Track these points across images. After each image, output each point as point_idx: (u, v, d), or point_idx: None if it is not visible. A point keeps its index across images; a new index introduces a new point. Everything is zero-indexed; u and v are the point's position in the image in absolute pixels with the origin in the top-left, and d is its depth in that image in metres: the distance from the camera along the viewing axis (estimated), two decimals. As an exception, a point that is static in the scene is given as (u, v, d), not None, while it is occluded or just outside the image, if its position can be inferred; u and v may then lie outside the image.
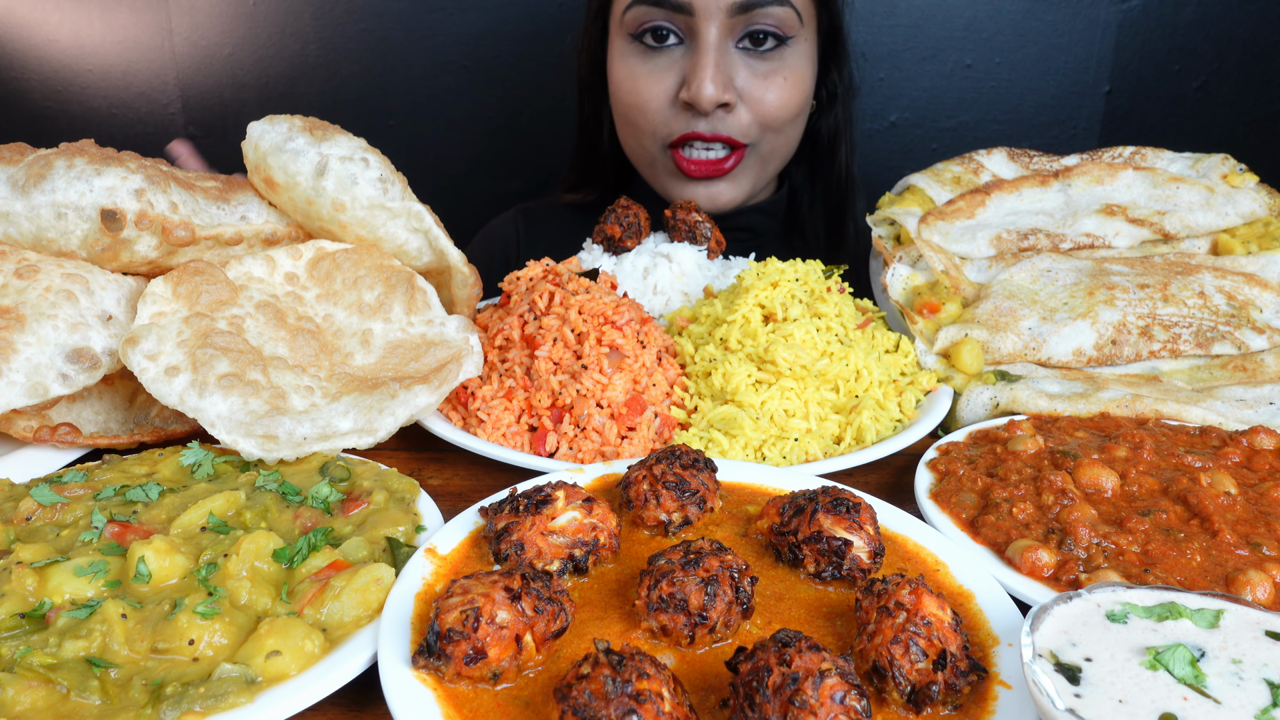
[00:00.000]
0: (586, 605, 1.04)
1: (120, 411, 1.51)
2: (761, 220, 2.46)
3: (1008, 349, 1.71)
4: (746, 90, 2.11)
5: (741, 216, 2.41)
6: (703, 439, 1.49)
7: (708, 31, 2.03)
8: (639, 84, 2.14)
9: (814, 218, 2.52)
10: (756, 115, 2.14)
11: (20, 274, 1.39)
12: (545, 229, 2.55)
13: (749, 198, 2.31)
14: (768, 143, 2.21)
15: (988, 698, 0.90)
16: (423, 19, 3.01)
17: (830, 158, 2.43)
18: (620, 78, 2.19)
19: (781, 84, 2.13)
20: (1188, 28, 3.01)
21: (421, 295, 1.60)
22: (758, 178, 2.28)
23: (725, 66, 2.07)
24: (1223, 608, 0.89)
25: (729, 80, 2.08)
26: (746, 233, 2.45)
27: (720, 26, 2.04)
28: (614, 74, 2.21)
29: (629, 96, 2.17)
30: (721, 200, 2.25)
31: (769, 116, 2.14)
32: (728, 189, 2.24)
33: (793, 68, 2.14)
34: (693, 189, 2.23)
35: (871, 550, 1.09)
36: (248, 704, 0.88)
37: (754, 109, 2.13)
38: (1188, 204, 2.00)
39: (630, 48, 2.15)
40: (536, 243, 2.51)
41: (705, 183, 2.22)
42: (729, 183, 2.23)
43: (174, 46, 3.07)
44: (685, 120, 2.13)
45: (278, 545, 1.10)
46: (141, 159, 1.51)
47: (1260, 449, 1.37)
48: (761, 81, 2.11)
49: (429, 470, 1.48)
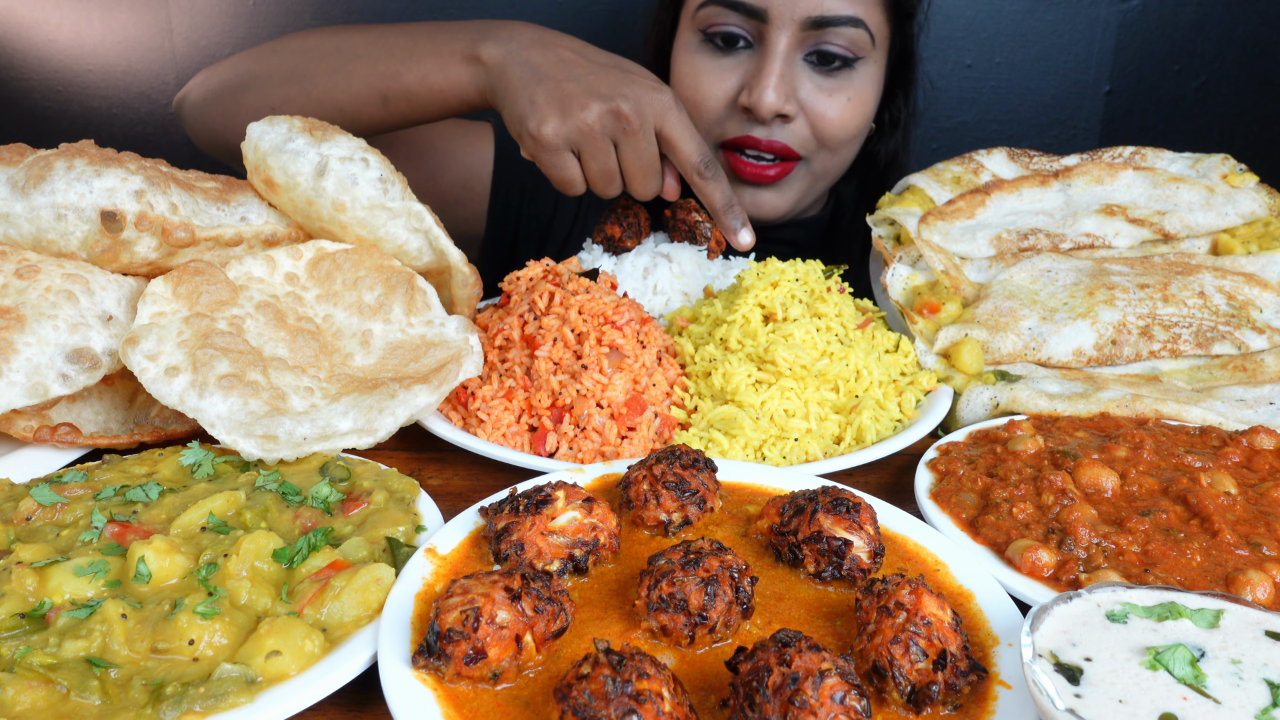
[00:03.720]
0: (586, 605, 1.04)
1: (120, 411, 1.51)
2: (803, 235, 2.43)
3: (1008, 349, 1.71)
4: (808, 104, 2.07)
5: (783, 230, 2.38)
6: (703, 439, 1.49)
7: (778, 40, 2.00)
8: (701, 80, 2.10)
9: (853, 234, 2.49)
10: (815, 130, 2.11)
11: (20, 274, 1.39)
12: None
13: (791, 211, 2.27)
14: (821, 160, 2.18)
15: (988, 698, 0.90)
16: (422, 19, 3.00)
17: (882, 181, 2.40)
18: (683, 71, 2.14)
19: (845, 103, 2.08)
20: (1188, 28, 3.01)
21: (421, 296, 1.60)
22: (804, 192, 2.24)
23: (790, 77, 2.04)
24: (1223, 608, 0.89)
25: (792, 91, 2.04)
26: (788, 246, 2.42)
27: (791, 37, 2.00)
28: (677, 66, 2.17)
29: (689, 91, 2.12)
30: (765, 209, 2.21)
31: (827, 134, 2.11)
32: (772, 198, 2.20)
33: (858, 88, 2.10)
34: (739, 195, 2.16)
35: (871, 550, 1.09)
36: (248, 704, 0.88)
37: (814, 123, 2.10)
38: (1188, 204, 2.00)
39: (698, 44, 2.11)
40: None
41: (752, 189, 2.18)
42: (775, 192, 2.19)
43: (174, 46, 3.07)
44: (741, 124, 2.10)
45: (278, 545, 1.10)
46: (141, 160, 1.51)
47: (1260, 449, 1.37)
48: (825, 97, 2.08)
49: (429, 470, 1.48)
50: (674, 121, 1.78)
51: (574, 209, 2.50)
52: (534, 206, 2.46)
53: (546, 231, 2.51)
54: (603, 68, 1.79)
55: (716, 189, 1.84)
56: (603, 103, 1.74)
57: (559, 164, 1.80)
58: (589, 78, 1.76)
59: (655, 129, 1.78)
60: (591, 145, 1.76)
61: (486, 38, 1.85)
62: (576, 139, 1.76)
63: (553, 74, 1.77)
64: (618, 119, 1.75)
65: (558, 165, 1.80)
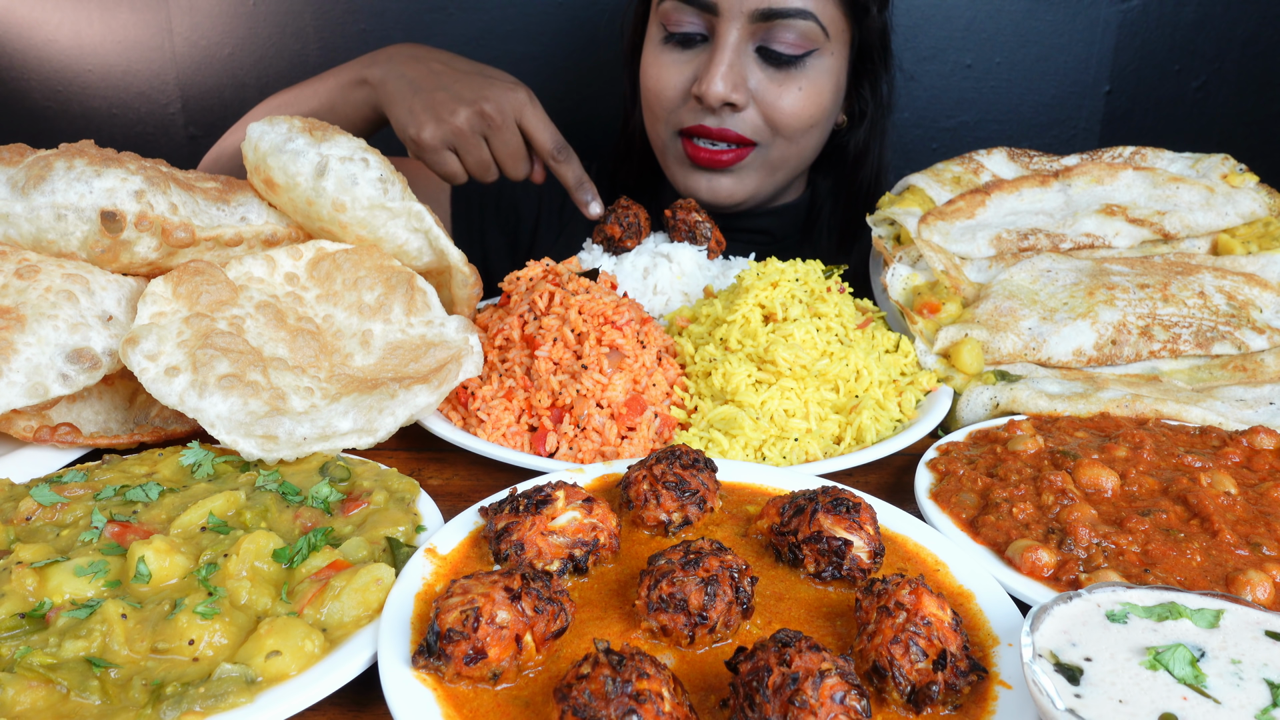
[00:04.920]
0: (586, 605, 1.04)
1: (120, 411, 1.51)
2: (778, 224, 2.47)
3: (1008, 349, 1.71)
4: (759, 93, 2.14)
5: (759, 219, 2.43)
6: (703, 439, 1.49)
7: (728, 32, 2.07)
8: (661, 72, 2.21)
9: (830, 227, 2.53)
10: (768, 119, 2.16)
11: (21, 274, 1.39)
12: None
13: (752, 198, 2.32)
14: (778, 149, 2.22)
15: (988, 698, 0.90)
16: (423, 19, 3.00)
17: (854, 174, 2.45)
18: (646, 64, 2.26)
19: (796, 93, 2.14)
20: (1188, 28, 3.01)
21: (421, 296, 1.60)
22: (763, 179, 2.29)
23: (739, 67, 2.10)
24: (1223, 608, 0.89)
25: (740, 80, 2.10)
26: (763, 235, 2.46)
27: (741, 30, 2.08)
28: (644, 61, 2.28)
29: (651, 83, 2.24)
30: (721, 194, 2.27)
31: (780, 122, 2.16)
32: (729, 183, 2.26)
33: (812, 79, 2.15)
34: (696, 179, 2.27)
35: (871, 550, 1.09)
36: (248, 704, 0.88)
37: (765, 112, 2.15)
38: (1188, 204, 2.00)
39: (662, 40, 2.21)
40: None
41: (708, 174, 2.25)
42: (731, 178, 2.25)
43: (174, 46, 3.07)
44: (695, 113, 2.17)
45: (278, 545, 1.10)
46: (141, 160, 1.51)
47: (1260, 449, 1.37)
48: (776, 87, 2.13)
49: (429, 470, 1.48)
50: (530, 115, 2.07)
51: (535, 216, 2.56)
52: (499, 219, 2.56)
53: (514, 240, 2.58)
54: (467, 75, 2.09)
55: (569, 170, 2.13)
56: (469, 106, 2.03)
57: (440, 161, 2.09)
58: (455, 85, 2.06)
59: (516, 122, 2.07)
60: (465, 142, 2.05)
61: (373, 63, 2.17)
62: (451, 139, 2.05)
63: (425, 85, 2.07)
64: (483, 118, 2.04)
65: (439, 163, 2.09)
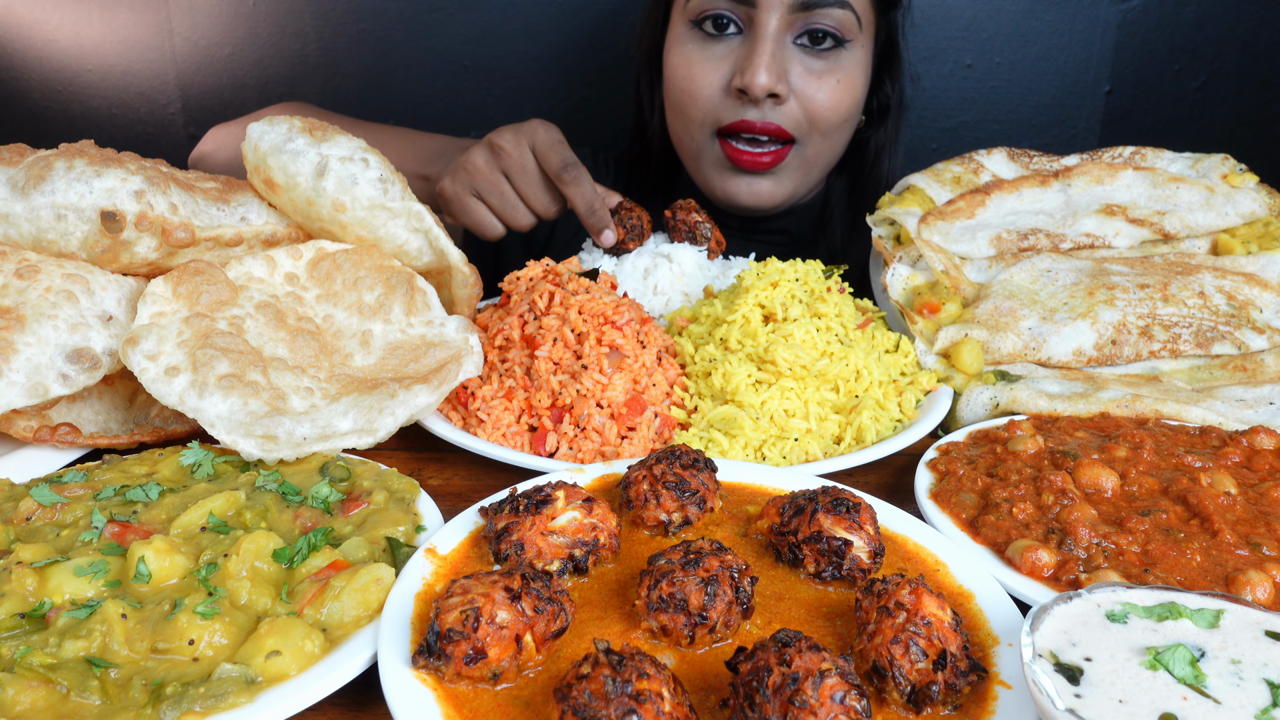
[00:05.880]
0: (586, 605, 1.04)
1: (120, 411, 1.51)
2: (797, 223, 2.47)
3: (1008, 349, 1.71)
4: (799, 86, 2.13)
5: (780, 219, 2.42)
6: (703, 439, 1.49)
7: (768, 22, 2.06)
8: (694, 70, 2.17)
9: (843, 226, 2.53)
10: (807, 113, 2.16)
11: (21, 274, 1.39)
12: None
13: (790, 199, 2.31)
14: (814, 145, 2.22)
15: (988, 698, 0.90)
16: (423, 19, 3.01)
17: (873, 171, 2.45)
18: (676, 64, 2.21)
19: (834, 85, 2.14)
20: (1188, 28, 3.01)
21: (421, 296, 1.60)
22: (800, 180, 2.28)
23: (781, 58, 2.09)
24: (1223, 608, 0.89)
25: (783, 72, 2.10)
26: (783, 235, 2.45)
27: (780, 20, 2.07)
28: (670, 60, 2.23)
29: (683, 83, 2.19)
30: (763, 197, 2.25)
31: (818, 116, 2.16)
32: (770, 185, 2.24)
33: (847, 71, 2.16)
34: (735, 183, 2.24)
35: (871, 550, 1.09)
36: (248, 704, 0.88)
37: (805, 106, 2.15)
38: (1188, 204, 2.00)
39: (689, 34, 2.18)
40: None
41: (748, 178, 2.23)
42: (772, 179, 2.24)
43: (174, 46, 3.07)
44: (735, 108, 2.14)
45: (278, 545, 1.10)
46: (141, 160, 1.51)
47: (1260, 449, 1.37)
48: (815, 79, 2.13)
49: (429, 470, 1.48)
50: (540, 138, 2.01)
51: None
52: None
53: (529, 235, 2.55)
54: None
55: (577, 193, 2.00)
56: (482, 146, 2.02)
57: (466, 210, 2.04)
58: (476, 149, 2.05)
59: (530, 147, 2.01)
60: (484, 181, 2.01)
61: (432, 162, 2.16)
62: (471, 183, 2.01)
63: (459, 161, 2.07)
64: (496, 152, 2.00)
65: (466, 211, 2.04)
